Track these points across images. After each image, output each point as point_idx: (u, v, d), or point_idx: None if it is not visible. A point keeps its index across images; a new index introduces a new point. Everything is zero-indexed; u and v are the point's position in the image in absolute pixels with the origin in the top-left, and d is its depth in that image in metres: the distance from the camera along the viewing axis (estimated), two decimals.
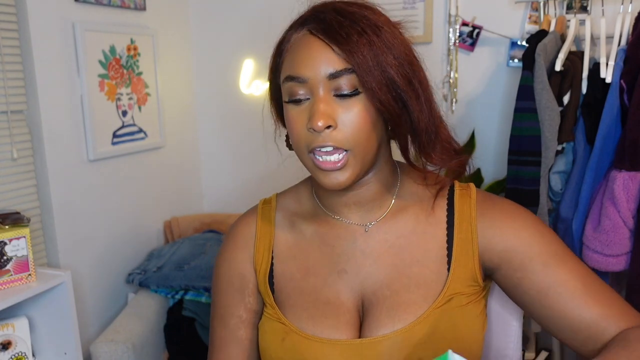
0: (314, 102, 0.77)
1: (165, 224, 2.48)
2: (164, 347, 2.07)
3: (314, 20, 0.78)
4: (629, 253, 1.61)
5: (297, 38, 0.80)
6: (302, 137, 0.78)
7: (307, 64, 0.76)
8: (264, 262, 0.91)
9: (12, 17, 1.80)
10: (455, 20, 2.15)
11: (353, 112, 0.76)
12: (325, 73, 0.76)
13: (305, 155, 0.80)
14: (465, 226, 0.86)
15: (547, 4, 1.98)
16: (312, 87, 0.76)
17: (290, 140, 0.83)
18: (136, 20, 2.29)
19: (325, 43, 0.76)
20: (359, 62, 0.74)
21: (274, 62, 0.84)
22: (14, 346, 1.60)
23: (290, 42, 0.81)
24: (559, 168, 1.79)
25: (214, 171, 2.73)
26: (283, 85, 0.80)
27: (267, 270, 0.90)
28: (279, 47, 0.83)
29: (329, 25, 0.76)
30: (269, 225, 0.93)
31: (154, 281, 2.10)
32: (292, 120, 0.79)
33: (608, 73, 1.66)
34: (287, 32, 0.83)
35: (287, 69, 0.79)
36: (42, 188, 1.92)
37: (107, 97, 2.13)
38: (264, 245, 0.92)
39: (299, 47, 0.78)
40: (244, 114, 2.60)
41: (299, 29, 0.80)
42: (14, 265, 1.56)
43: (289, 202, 0.94)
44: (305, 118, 0.77)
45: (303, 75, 0.77)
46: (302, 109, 0.78)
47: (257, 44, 2.51)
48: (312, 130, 0.76)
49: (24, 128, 1.86)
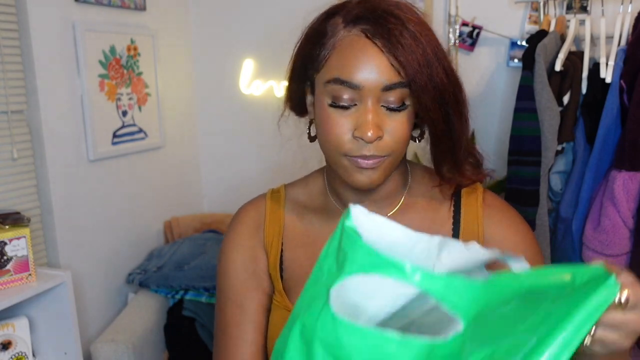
0: (364, 111, 0.74)
1: (165, 224, 2.48)
2: (164, 347, 2.07)
3: (370, 21, 0.73)
4: (629, 253, 1.61)
5: (348, 37, 0.74)
6: (342, 142, 0.75)
7: (362, 71, 0.72)
8: (273, 247, 0.89)
9: (12, 17, 1.80)
10: (455, 20, 2.15)
11: (398, 123, 0.75)
12: (380, 84, 0.73)
13: (340, 157, 0.77)
14: (471, 226, 0.86)
15: (547, 4, 1.98)
16: (363, 95, 0.73)
17: (322, 140, 0.79)
18: (136, 20, 2.29)
19: (382, 51, 0.72)
20: (415, 79, 0.72)
21: (310, 51, 0.78)
22: (14, 346, 1.60)
23: (338, 37, 0.75)
24: (559, 168, 1.79)
25: (214, 171, 2.73)
26: (326, 85, 0.75)
27: (277, 256, 0.89)
28: (321, 38, 0.77)
29: (387, 31, 0.72)
30: (279, 212, 0.91)
31: (154, 281, 2.11)
32: (333, 124, 0.76)
33: (608, 73, 1.66)
34: (330, 22, 0.77)
35: (335, 70, 0.74)
36: (42, 188, 1.92)
37: (107, 97, 2.14)
38: (274, 230, 0.90)
39: (353, 50, 0.73)
40: (244, 114, 2.60)
41: (349, 26, 0.74)
42: (14, 265, 1.56)
43: (298, 194, 0.92)
44: (349, 124, 0.75)
45: (356, 82, 0.73)
46: (345, 113, 0.75)
47: (257, 44, 2.51)
48: (360, 139, 0.74)
49: (24, 128, 1.86)
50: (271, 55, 2.48)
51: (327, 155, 0.80)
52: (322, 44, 0.76)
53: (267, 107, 2.55)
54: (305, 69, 0.80)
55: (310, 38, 0.79)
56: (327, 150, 0.79)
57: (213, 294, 2.06)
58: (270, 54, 2.47)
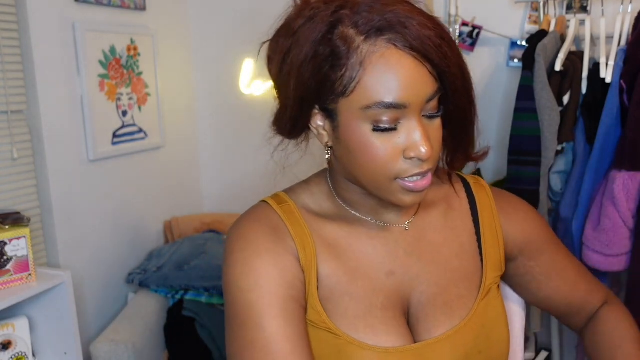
0: (411, 128, 0.69)
1: (165, 224, 2.48)
2: (164, 347, 2.07)
3: (394, 29, 0.66)
4: (629, 253, 1.61)
5: (376, 52, 0.66)
6: (392, 166, 0.70)
7: (406, 89, 0.66)
8: (307, 260, 0.77)
9: (12, 17, 1.80)
10: (455, 20, 2.15)
11: (437, 129, 0.72)
12: (425, 96, 0.68)
13: (390, 182, 0.71)
14: (488, 217, 0.87)
15: (547, 4, 1.98)
16: (407, 112, 0.68)
17: (363, 167, 0.71)
18: (136, 20, 2.29)
19: (419, 61, 0.67)
20: (454, 82, 0.70)
21: (326, 75, 0.68)
22: (14, 346, 1.60)
23: (363, 55, 0.66)
24: (559, 168, 1.79)
25: (214, 171, 2.73)
26: (366, 110, 0.67)
27: (313, 272, 0.77)
28: (336, 59, 0.67)
29: (416, 37, 0.66)
30: (299, 223, 0.79)
31: (154, 281, 2.11)
32: (379, 149, 0.69)
33: (608, 73, 1.67)
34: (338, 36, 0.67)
35: (374, 93, 0.66)
36: (42, 188, 1.92)
37: (107, 97, 2.13)
38: (304, 242, 0.78)
39: (389, 66, 0.66)
40: (244, 114, 2.60)
41: (371, 38, 0.66)
42: (14, 265, 1.56)
43: (306, 201, 0.83)
44: (397, 146, 0.69)
45: (402, 102, 0.67)
46: (390, 135, 0.69)
47: (257, 44, 2.50)
48: (415, 160, 0.69)
49: (24, 128, 1.86)
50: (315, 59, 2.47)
51: (370, 180, 0.72)
52: (341, 66, 0.67)
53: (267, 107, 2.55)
54: (318, 95, 0.71)
55: (317, 60, 0.68)
56: (371, 176, 0.72)
57: (213, 294, 2.06)
58: None
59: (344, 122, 0.70)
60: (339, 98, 0.69)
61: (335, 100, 0.70)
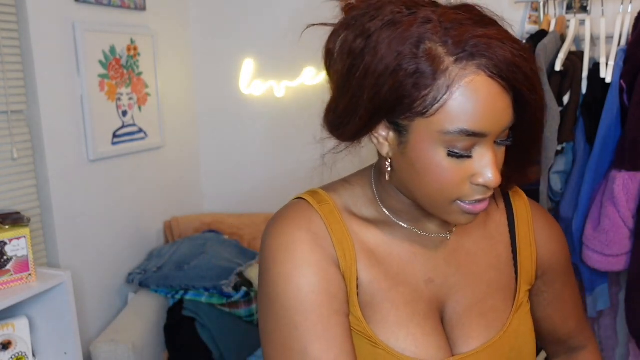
0: (483, 155, 0.66)
1: (165, 224, 2.48)
2: (164, 347, 2.07)
3: (485, 54, 0.62)
4: (629, 253, 1.61)
5: (466, 77, 0.62)
6: (457, 190, 0.68)
7: (490, 119, 0.64)
8: (347, 265, 0.75)
9: (12, 17, 1.80)
10: None
11: (503, 155, 0.71)
12: (505, 126, 0.66)
13: (449, 203, 0.70)
14: (524, 230, 0.85)
15: (547, 4, 1.98)
16: (486, 140, 0.66)
17: (427, 187, 0.69)
18: (136, 20, 2.29)
19: (506, 90, 0.64)
20: (532, 114, 0.68)
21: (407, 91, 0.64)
22: (14, 346, 1.60)
23: (451, 78, 0.62)
24: (559, 168, 1.79)
25: (214, 171, 2.73)
26: (446, 135, 0.64)
27: (354, 276, 0.75)
28: (421, 78, 0.63)
29: (507, 62, 0.63)
30: (339, 226, 0.76)
31: (154, 281, 2.11)
32: (449, 173, 0.67)
33: (608, 73, 1.67)
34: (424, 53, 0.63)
35: (458, 120, 0.63)
36: (42, 188, 1.92)
37: (107, 97, 2.14)
38: (344, 246, 0.75)
39: (478, 94, 0.63)
40: (244, 114, 2.60)
41: (462, 61, 0.62)
42: (14, 265, 1.56)
43: (348, 202, 0.79)
44: (467, 171, 0.67)
45: (485, 131, 0.64)
46: (462, 161, 0.66)
47: (257, 44, 2.51)
48: (481, 186, 0.68)
49: (24, 128, 1.86)
50: (271, 55, 2.48)
51: (429, 200, 0.71)
52: (426, 86, 0.63)
53: (267, 107, 2.56)
54: (392, 110, 0.66)
55: (400, 76, 0.63)
56: (431, 196, 0.70)
57: (213, 294, 2.06)
58: (270, 54, 2.48)
59: (415, 140, 0.67)
60: (416, 117, 0.65)
61: (411, 118, 0.65)
